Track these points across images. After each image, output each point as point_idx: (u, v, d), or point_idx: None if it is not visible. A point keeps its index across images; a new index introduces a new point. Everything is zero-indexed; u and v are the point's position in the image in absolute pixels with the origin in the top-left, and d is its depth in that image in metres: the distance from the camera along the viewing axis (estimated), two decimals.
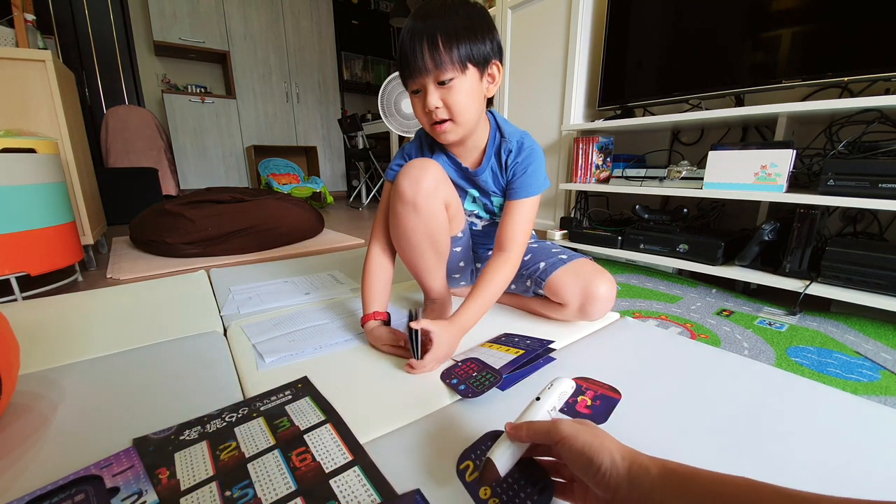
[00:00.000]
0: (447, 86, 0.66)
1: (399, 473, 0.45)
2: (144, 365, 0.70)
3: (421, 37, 0.64)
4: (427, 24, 0.65)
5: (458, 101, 0.67)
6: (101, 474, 0.44)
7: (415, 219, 0.74)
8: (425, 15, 0.66)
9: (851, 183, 0.99)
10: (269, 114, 4.02)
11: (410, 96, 0.72)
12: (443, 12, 0.66)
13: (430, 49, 0.64)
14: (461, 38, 0.65)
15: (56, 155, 1.32)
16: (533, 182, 0.76)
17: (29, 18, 1.56)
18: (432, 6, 0.67)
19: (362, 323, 0.78)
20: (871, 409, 0.57)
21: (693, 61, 1.40)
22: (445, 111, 0.68)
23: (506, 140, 0.78)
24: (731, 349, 0.87)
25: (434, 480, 0.44)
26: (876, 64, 1.03)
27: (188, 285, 1.15)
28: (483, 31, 0.67)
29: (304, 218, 2.03)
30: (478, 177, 0.81)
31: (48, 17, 2.88)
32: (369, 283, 0.80)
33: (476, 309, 0.71)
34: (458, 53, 0.65)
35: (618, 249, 1.48)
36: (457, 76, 0.66)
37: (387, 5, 4.72)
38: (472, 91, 0.69)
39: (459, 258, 0.89)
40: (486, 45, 0.67)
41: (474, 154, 0.81)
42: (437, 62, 0.64)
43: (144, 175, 2.83)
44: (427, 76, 0.66)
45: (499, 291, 0.74)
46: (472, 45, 0.65)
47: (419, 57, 0.65)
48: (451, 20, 0.65)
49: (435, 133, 0.73)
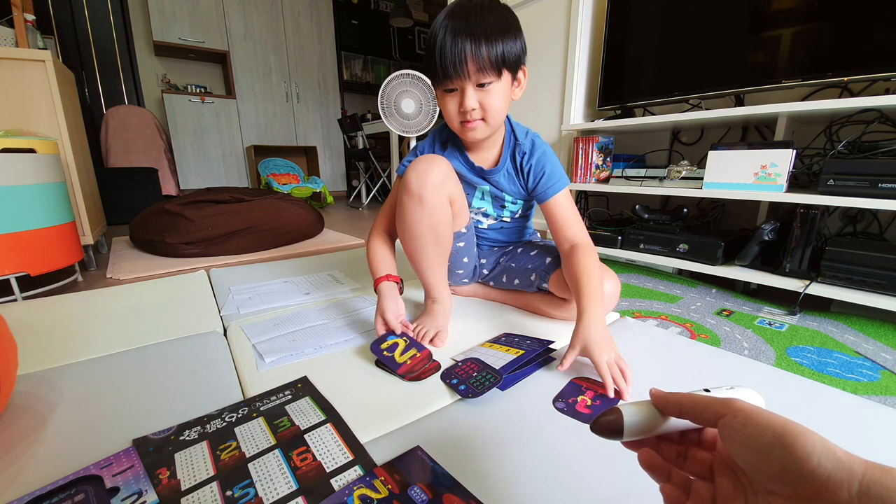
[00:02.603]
0: (485, 88, 0.68)
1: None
2: (144, 365, 0.70)
3: (465, 38, 0.64)
4: (470, 26, 0.65)
5: (494, 103, 0.70)
6: (101, 474, 0.44)
7: (419, 211, 0.75)
8: (465, 16, 0.66)
9: (851, 183, 0.99)
10: (269, 114, 4.02)
11: (440, 93, 0.73)
12: (482, 14, 0.66)
13: (475, 52, 0.65)
14: (501, 42, 0.65)
15: (56, 155, 1.32)
16: (556, 180, 0.80)
17: (29, 18, 1.56)
18: (469, 6, 0.67)
19: (375, 286, 0.78)
20: (871, 409, 0.57)
21: (693, 61, 1.41)
22: (480, 112, 0.70)
23: (520, 143, 0.81)
24: (731, 349, 0.87)
25: None
26: (876, 64, 1.03)
27: (188, 285, 1.15)
28: (517, 34, 0.68)
29: (304, 218, 2.03)
30: (492, 177, 0.83)
31: (48, 17, 2.88)
32: (375, 253, 0.83)
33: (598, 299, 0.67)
34: (499, 57, 0.66)
35: (618, 249, 1.48)
36: (495, 80, 0.68)
37: (387, 5, 4.72)
38: (505, 94, 0.71)
39: (463, 254, 0.90)
40: (518, 48, 0.68)
41: (489, 155, 0.83)
42: (479, 65, 0.66)
43: (144, 175, 2.83)
44: (467, 79, 0.67)
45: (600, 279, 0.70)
46: (509, 49, 0.66)
47: (463, 59, 0.65)
48: (491, 22, 0.66)
49: (464, 130, 0.74)
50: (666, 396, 0.28)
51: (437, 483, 0.43)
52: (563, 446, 0.49)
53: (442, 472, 0.45)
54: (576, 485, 0.43)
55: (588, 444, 0.49)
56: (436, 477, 0.44)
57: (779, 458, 0.21)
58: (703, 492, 0.26)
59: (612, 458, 0.46)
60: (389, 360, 0.66)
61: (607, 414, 0.29)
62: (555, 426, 0.53)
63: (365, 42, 4.61)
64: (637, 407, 0.29)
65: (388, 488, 0.43)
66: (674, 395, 0.28)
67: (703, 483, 0.27)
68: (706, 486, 0.26)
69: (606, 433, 0.29)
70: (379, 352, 0.68)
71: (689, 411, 0.27)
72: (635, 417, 0.28)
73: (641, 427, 0.29)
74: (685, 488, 0.27)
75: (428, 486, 0.43)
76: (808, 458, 0.20)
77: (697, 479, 0.27)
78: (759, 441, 0.22)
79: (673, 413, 0.28)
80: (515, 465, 0.46)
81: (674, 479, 0.28)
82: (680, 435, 0.29)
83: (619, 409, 0.29)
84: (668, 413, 0.28)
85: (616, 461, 0.46)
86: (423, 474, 0.45)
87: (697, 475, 0.27)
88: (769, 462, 0.21)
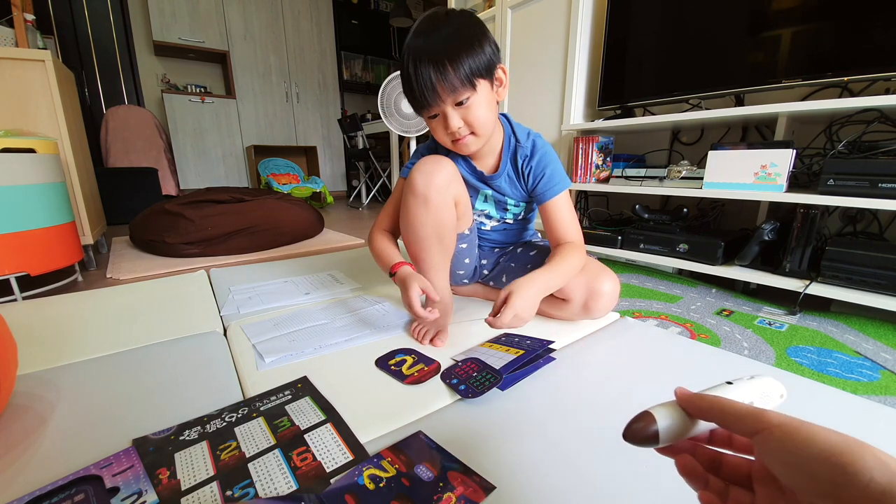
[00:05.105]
0: (465, 105, 0.67)
1: None
2: (144, 365, 0.70)
3: (427, 64, 0.64)
4: (430, 46, 0.64)
5: (478, 116, 0.69)
6: (100, 474, 0.44)
7: (424, 212, 0.75)
8: (425, 33, 0.65)
9: (851, 183, 0.99)
10: (269, 114, 4.02)
11: (428, 120, 0.72)
12: (439, 29, 0.65)
13: (441, 77, 0.64)
14: (465, 56, 0.64)
15: (56, 155, 1.32)
16: (556, 181, 0.79)
17: (29, 18, 1.56)
18: (427, 23, 0.66)
19: (392, 272, 0.77)
20: (871, 409, 0.57)
21: (693, 61, 1.40)
22: (467, 128, 0.70)
23: (521, 145, 0.80)
24: (731, 349, 0.87)
25: None
26: (876, 64, 1.03)
27: (188, 285, 1.15)
28: (480, 40, 0.66)
29: (304, 218, 2.03)
30: (493, 182, 0.83)
31: (48, 17, 2.88)
32: (380, 247, 0.83)
33: (554, 273, 0.70)
34: (466, 74, 0.64)
35: (618, 249, 1.48)
36: (471, 94, 0.67)
37: (387, 5, 4.72)
38: (488, 102, 0.70)
39: (465, 255, 0.90)
40: (486, 54, 0.67)
41: (490, 158, 0.83)
42: (450, 88, 0.65)
43: (144, 175, 2.83)
44: (444, 103, 0.67)
45: (573, 268, 0.73)
46: (475, 60, 0.65)
47: (431, 87, 0.65)
48: (449, 36, 0.64)
49: (457, 147, 0.74)
50: (693, 399, 0.27)
51: (441, 463, 0.45)
52: (564, 446, 0.49)
53: (445, 453, 0.47)
54: (577, 483, 0.43)
55: (590, 444, 0.49)
56: (439, 457, 0.46)
57: (828, 477, 0.19)
58: (742, 499, 0.25)
59: (613, 458, 0.46)
60: (396, 374, 0.65)
61: (638, 420, 0.27)
62: (556, 425, 0.53)
63: (365, 42, 4.61)
64: (667, 410, 0.27)
65: (395, 468, 0.45)
66: (701, 400, 0.26)
67: (741, 491, 0.25)
68: (744, 494, 0.25)
69: (641, 441, 0.27)
70: (387, 367, 0.67)
71: (718, 420, 0.25)
72: (668, 421, 0.26)
73: (676, 431, 0.27)
74: (722, 495, 0.26)
75: (433, 465, 0.45)
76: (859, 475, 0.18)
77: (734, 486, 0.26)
78: (804, 459, 0.20)
79: (699, 412, 0.26)
80: (515, 464, 0.46)
81: (711, 485, 0.26)
82: (710, 433, 0.28)
83: (650, 412, 0.27)
84: (694, 416, 0.26)
85: (616, 461, 0.46)
86: (428, 455, 0.47)
87: (734, 482, 0.26)
88: (817, 481, 0.20)
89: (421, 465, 0.45)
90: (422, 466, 0.45)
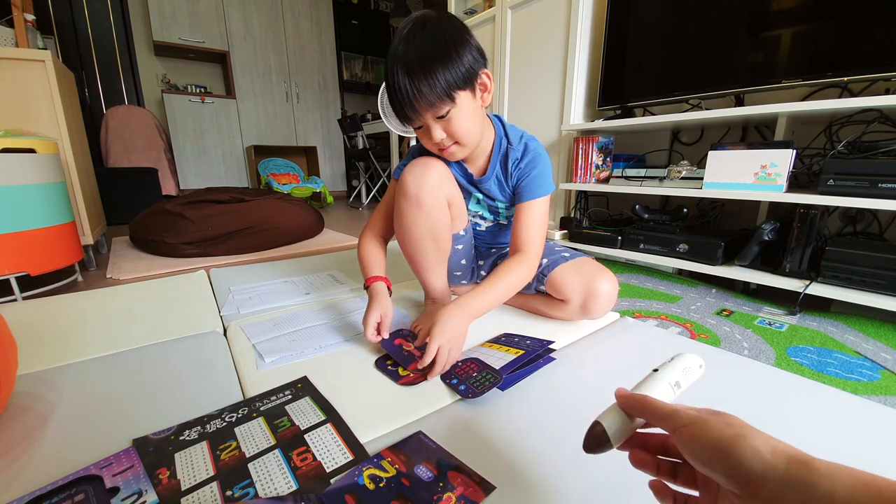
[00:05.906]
0: (446, 118, 0.67)
1: None
2: (144, 365, 0.70)
3: (405, 78, 0.63)
4: (405, 64, 0.63)
5: (461, 127, 0.68)
6: (101, 474, 0.44)
7: (417, 214, 0.75)
8: (403, 45, 0.64)
9: (851, 183, 0.99)
10: (269, 114, 4.02)
11: (415, 130, 0.72)
12: (413, 40, 0.64)
13: (417, 94, 0.63)
14: (440, 70, 0.62)
15: (56, 155, 1.32)
16: (539, 184, 0.77)
17: (29, 18, 1.56)
18: (403, 32, 0.65)
19: (365, 286, 0.78)
20: (871, 409, 0.57)
21: (693, 61, 1.41)
22: (450, 139, 0.70)
23: (513, 148, 0.78)
24: (731, 349, 0.87)
25: None
26: (876, 64, 1.03)
27: (188, 285, 1.15)
28: (458, 49, 0.64)
29: (304, 218, 2.03)
30: (482, 185, 0.82)
31: (48, 17, 2.88)
32: (368, 253, 0.83)
33: (485, 296, 0.69)
34: (443, 88, 0.63)
35: (618, 249, 1.48)
36: (451, 107, 0.66)
37: (387, 5, 4.72)
38: (471, 112, 0.69)
39: (461, 256, 0.90)
40: (464, 64, 0.64)
41: (480, 160, 0.82)
42: (427, 103, 0.64)
43: (144, 175, 2.83)
44: (423, 119, 0.67)
45: (512, 286, 0.73)
46: (452, 73, 0.63)
47: (409, 104, 0.64)
48: (423, 47, 0.63)
49: (444, 156, 0.74)
50: (627, 399, 0.31)
51: (441, 463, 0.45)
52: (564, 446, 0.49)
53: (445, 453, 0.47)
54: (577, 483, 0.43)
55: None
56: (439, 457, 0.46)
57: (722, 468, 0.24)
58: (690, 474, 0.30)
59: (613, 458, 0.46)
60: (392, 375, 0.65)
61: (590, 431, 0.31)
62: (555, 425, 0.53)
63: (365, 42, 4.61)
64: (612, 415, 0.31)
65: (395, 468, 0.45)
66: (633, 400, 0.31)
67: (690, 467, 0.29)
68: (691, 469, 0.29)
69: (597, 448, 0.31)
70: (385, 368, 0.67)
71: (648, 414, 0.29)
72: (615, 425, 0.31)
73: (623, 431, 0.31)
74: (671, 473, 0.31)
75: (433, 465, 0.45)
76: (742, 463, 0.23)
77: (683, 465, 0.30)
78: (705, 455, 0.25)
79: (634, 412, 0.30)
80: (515, 464, 0.46)
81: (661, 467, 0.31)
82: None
83: (599, 421, 0.31)
84: (632, 415, 0.31)
85: (616, 461, 0.46)
86: (428, 455, 0.47)
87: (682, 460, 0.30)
88: (717, 472, 0.24)
89: (421, 465, 0.45)
90: (422, 466, 0.45)
